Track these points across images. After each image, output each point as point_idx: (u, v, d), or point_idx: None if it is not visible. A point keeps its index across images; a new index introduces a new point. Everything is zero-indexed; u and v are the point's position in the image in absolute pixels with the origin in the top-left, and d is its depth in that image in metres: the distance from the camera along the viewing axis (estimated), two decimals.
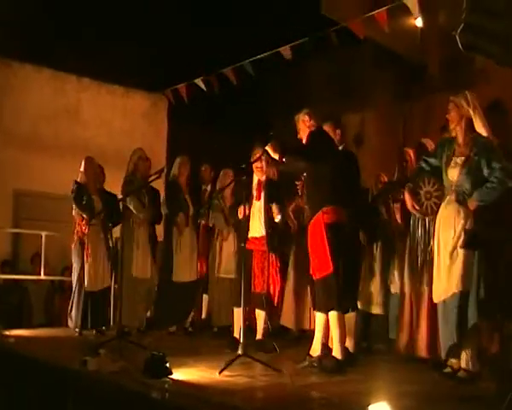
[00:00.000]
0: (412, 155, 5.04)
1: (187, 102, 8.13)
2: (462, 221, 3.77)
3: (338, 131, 4.72)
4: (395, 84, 8.02)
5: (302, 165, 4.43)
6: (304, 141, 4.53)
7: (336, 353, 4.23)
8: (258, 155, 4.93)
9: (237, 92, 8.13)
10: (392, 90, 8.02)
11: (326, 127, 4.62)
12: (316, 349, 4.40)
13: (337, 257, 4.20)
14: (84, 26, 7.93)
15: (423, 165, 4.14)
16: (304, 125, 4.57)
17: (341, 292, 4.22)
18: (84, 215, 6.12)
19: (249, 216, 5.12)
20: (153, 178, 5.66)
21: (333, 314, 4.23)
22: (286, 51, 6.98)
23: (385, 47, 7.85)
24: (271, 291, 5.09)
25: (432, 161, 4.08)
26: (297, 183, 5.98)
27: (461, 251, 3.73)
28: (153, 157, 6.69)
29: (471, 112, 3.83)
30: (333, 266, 4.18)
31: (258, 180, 5.17)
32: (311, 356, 4.38)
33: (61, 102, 8.63)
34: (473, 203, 3.75)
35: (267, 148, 4.39)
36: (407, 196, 4.13)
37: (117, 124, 8.96)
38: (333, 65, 8.51)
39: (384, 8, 6.12)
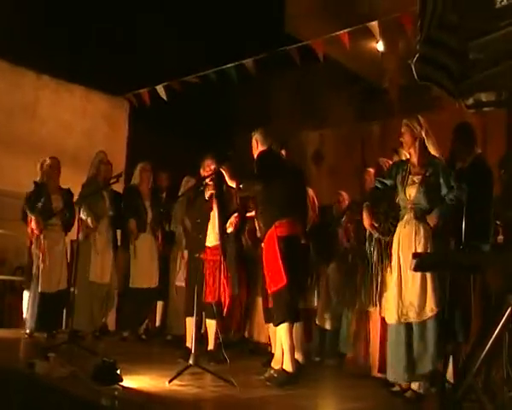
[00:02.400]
0: (372, 174, 5.19)
1: (149, 106, 8.12)
2: (422, 240, 3.87)
3: (283, 152, 4.91)
4: (355, 105, 8.21)
5: (256, 188, 4.53)
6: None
7: (286, 366, 4.29)
8: (209, 170, 5.07)
9: (200, 100, 8.18)
10: (352, 110, 8.21)
11: (274, 147, 4.75)
12: (277, 361, 4.45)
13: (290, 269, 4.28)
14: (47, 23, 7.80)
15: (378, 185, 4.26)
16: (254, 147, 4.71)
17: (294, 304, 4.33)
18: (34, 217, 6.01)
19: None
20: (111, 181, 5.65)
21: (283, 327, 4.29)
22: (248, 64, 7.08)
23: (346, 67, 8.04)
24: (222, 301, 5.11)
25: (386, 181, 4.21)
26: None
27: (429, 276, 3.77)
28: (112, 160, 6.64)
29: (423, 134, 4.00)
30: (287, 278, 4.25)
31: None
32: (272, 368, 4.43)
33: (18, 98, 8.42)
34: (433, 219, 3.86)
35: (224, 172, 4.46)
36: (365, 215, 4.20)
37: (76, 124, 8.81)
38: (294, 82, 8.65)
39: (346, 29, 6.28)
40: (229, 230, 5.07)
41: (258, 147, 4.65)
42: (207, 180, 5.06)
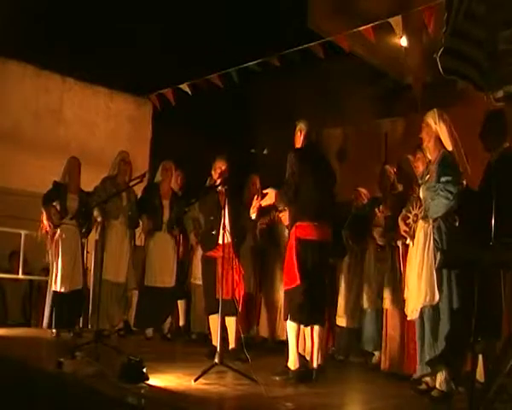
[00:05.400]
0: (392, 172, 5.15)
1: (172, 106, 8.16)
2: (422, 236, 3.88)
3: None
4: (378, 101, 8.13)
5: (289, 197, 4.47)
6: None
7: (290, 363, 4.32)
8: (220, 171, 5.12)
9: (223, 99, 8.19)
10: (376, 106, 8.13)
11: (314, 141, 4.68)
12: (292, 361, 4.40)
13: (305, 271, 4.27)
14: (71, 26, 7.88)
15: (417, 189, 4.22)
16: (298, 137, 4.65)
17: (307, 306, 4.27)
18: (45, 212, 6.09)
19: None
20: (134, 182, 5.67)
21: (290, 325, 4.32)
22: (272, 62, 7.07)
23: (370, 63, 7.96)
24: (236, 297, 5.10)
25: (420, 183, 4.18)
26: None
27: (426, 268, 3.83)
28: (136, 161, 6.70)
29: (438, 130, 3.93)
30: (300, 279, 4.26)
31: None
32: (288, 368, 4.38)
33: (44, 101, 8.54)
34: (430, 217, 3.86)
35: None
36: (400, 223, 4.22)
37: (100, 125, 8.91)
38: (317, 79, 8.60)
39: (369, 25, 6.21)
40: (253, 215, 5.00)
41: (300, 138, 4.61)
42: (219, 182, 5.09)
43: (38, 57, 8.01)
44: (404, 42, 7.23)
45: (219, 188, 5.10)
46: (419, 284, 3.87)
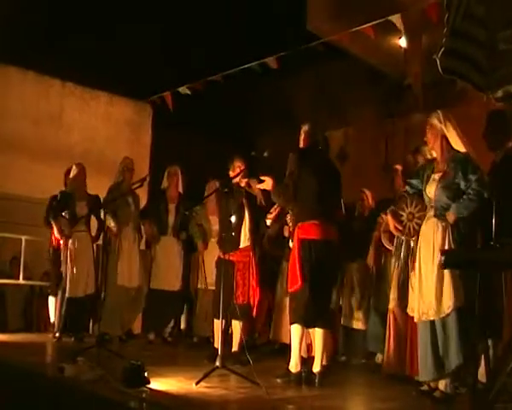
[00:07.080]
0: (400, 171, 5.13)
1: (172, 110, 8.16)
2: (440, 238, 3.78)
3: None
4: (378, 102, 8.14)
5: (287, 196, 4.46)
6: None
7: (291, 366, 4.29)
8: (238, 170, 5.08)
9: (223, 102, 8.20)
10: (376, 107, 8.14)
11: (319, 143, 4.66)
12: (293, 364, 4.38)
13: (308, 272, 4.24)
14: (70, 31, 7.90)
15: (407, 188, 4.17)
16: (302, 140, 4.63)
17: (310, 307, 4.24)
18: (56, 226, 6.09)
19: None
20: (135, 186, 5.68)
21: (293, 327, 4.29)
22: (271, 62, 7.07)
23: (370, 64, 7.97)
24: (251, 303, 5.14)
25: (414, 182, 4.12)
26: None
27: (448, 271, 3.69)
28: (136, 165, 6.69)
29: (444, 130, 3.88)
30: (302, 280, 4.23)
31: None
32: (289, 371, 4.37)
33: (45, 106, 8.56)
34: (451, 217, 3.76)
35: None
36: (389, 218, 4.17)
37: (100, 130, 8.92)
38: (318, 80, 8.61)
39: (369, 24, 6.22)
40: (269, 222, 4.99)
41: (304, 140, 4.60)
42: (238, 179, 5.08)
43: (38, 63, 8.02)
44: (403, 42, 7.24)
45: (242, 185, 5.09)
46: (439, 287, 3.72)
